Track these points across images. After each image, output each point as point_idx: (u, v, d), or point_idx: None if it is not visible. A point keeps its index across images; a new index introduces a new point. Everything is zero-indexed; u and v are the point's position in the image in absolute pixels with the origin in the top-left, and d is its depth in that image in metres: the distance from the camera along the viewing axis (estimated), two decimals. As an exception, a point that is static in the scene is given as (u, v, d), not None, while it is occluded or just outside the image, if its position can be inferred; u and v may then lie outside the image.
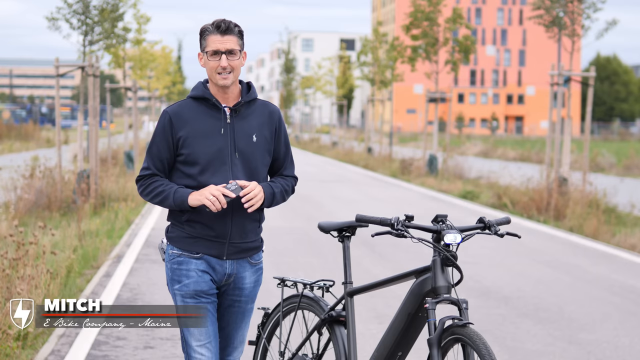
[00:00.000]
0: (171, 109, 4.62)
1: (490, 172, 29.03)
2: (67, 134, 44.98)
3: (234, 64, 4.54)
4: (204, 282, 4.60)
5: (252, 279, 4.72)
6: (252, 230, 4.65)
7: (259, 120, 4.66)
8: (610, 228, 15.92)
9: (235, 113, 4.61)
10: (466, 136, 78.20)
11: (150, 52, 37.06)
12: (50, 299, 8.60)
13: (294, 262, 11.94)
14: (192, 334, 4.61)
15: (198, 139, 4.55)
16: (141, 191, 4.63)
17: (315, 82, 69.34)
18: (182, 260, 4.60)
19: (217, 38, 4.53)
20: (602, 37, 35.16)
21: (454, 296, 4.57)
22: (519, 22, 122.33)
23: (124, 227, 15.17)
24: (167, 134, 4.58)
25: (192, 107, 4.61)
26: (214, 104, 4.60)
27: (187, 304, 4.61)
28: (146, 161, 4.62)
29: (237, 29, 4.56)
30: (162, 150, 4.58)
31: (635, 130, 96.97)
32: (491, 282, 10.90)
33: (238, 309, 4.75)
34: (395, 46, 34.78)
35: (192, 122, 4.57)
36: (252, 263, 4.70)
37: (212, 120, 4.58)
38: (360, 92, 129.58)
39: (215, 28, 4.53)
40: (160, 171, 4.60)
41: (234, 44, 4.54)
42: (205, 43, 4.56)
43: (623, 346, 8.04)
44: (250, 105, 4.66)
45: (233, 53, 4.54)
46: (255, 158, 4.61)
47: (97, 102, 18.16)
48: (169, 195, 4.53)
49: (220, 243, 4.59)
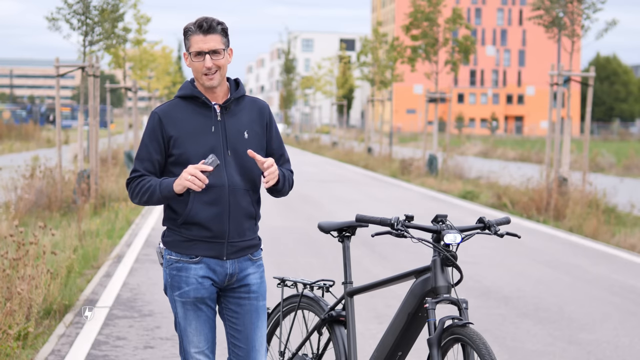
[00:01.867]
0: (160, 109, 4.53)
1: (490, 172, 29.04)
2: (67, 134, 44.97)
3: (219, 63, 4.46)
4: (204, 289, 4.52)
5: (256, 275, 4.62)
6: (249, 228, 4.58)
7: (249, 116, 4.58)
8: (610, 228, 15.93)
9: (225, 110, 4.53)
10: (466, 136, 78.20)
11: (151, 52, 37.05)
12: (50, 299, 8.62)
13: (294, 262, 11.94)
14: (190, 341, 4.53)
15: (189, 138, 4.46)
16: (130, 193, 4.52)
17: (315, 82, 69.36)
18: (181, 266, 4.51)
19: (199, 38, 4.44)
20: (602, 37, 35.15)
21: (454, 296, 4.57)
22: (518, 22, 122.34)
23: (124, 227, 15.17)
24: (157, 134, 4.47)
25: (181, 106, 4.52)
26: (203, 102, 4.52)
27: (186, 310, 4.52)
28: (135, 164, 4.51)
29: (220, 26, 4.46)
30: (152, 152, 4.48)
31: (635, 130, 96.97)
32: (491, 282, 10.90)
33: (250, 307, 4.61)
34: (395, 46, 34.79)
35: (182, 121, 4.48)
36: (253, 260, 4.62)
37: (203, 118, 4.50)
38: (360, 92, 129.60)
39: (197, 27, 4.44)
40: (151, 174, 4.50)
41: (218, 43, 4.44)
42: (189, 43, 4.47)
43: (623, 346, 8.04)
44: (239, 101, 4.59)
45: (217, 52, 4.45)
46: (249, 156, 4.51)
47: (97, 102, 18.16)
48: (156, 188, 4.41)
49: (219, 243, 4.51)
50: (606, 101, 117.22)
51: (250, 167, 4.53)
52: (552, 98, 19.60)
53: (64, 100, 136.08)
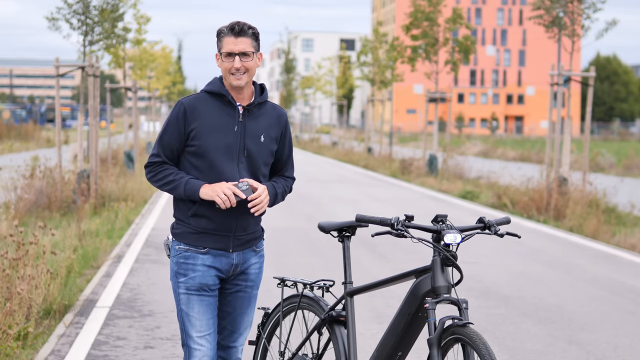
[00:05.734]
0: (187, 100, 4.73)
1: (490, 172, 29.03)
2: (67, 134, 44.97)
3: (248, 65, 4.66)
4: (209, 277, 4.72)
5: (257, 265, 4.88)
6: (253, 222, 4.81)
7: (268, 121, 4.79)
8: (610, 228, 15.92)
9: (247, 112, 4.73)
10: (466, 136, 78.22)
11: (150, 52, 37.06)
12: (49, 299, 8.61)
13: (294, 262, 11.94)
14: (193, 325, 4.72)
15: (210, 133, 4.66)
16: (150, 177, 4.74)
17: (315, 82, 69.35)
18: (189, 255, 4.72)
19: (231, 40, 4.65)
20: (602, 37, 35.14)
21: (454, 296, 4.57)
22: (519, 22, 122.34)
23: (124, 227, 15.17)
24: (180, 124, 4.68)
25: (207, 101, 4.72)
26: (229, 101, 4.72)
27: (190, 295, 4.72)
28: (156, 148, 4.73)
29: (252, 31, 4.68)
30: (173, 139, 4.70)
31: (635, 130, 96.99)
32: (491, 282, 10.90)
33: (244, 294, 4.87)
34: (395, 46, 34.78)
35: (205, 115, 4.68)
36: (256, 251, 4.86)
37: (226, 116, 4.70)
38: (360, 92, 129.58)
39: (229, 30, 4.66)
40: (169, 159, 4.72)
41: (248, 46, 4.65)
42: (221, 44, 4.68)
43: (623, 346, 8.04)
44: (261, 106, 4.79)
45: (246, 55, 4.65)
46: (260, 158, 4.75)
47: (97, 102, 18.16)
48: (180, 184, 4.65)
49: (226, 237, 4.72)
50: (606, 101, 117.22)
51: (259, 169, 4.77)
52: (552, 98, 19.60)
53: (64, 100, 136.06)
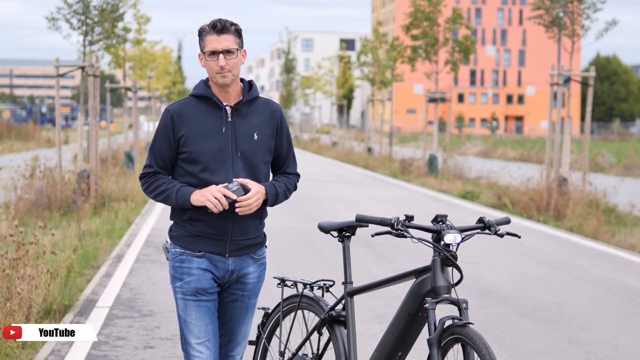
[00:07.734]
0: (173, 107, 4.66)
1: (490, 172, 29.03)
2: (67, 134, 44.96)
3: (232, 62, 4.57)
4: (205, 280, 4.63)
5: (255, 274, 4.76)
6: (253, 227, 4.69)
7: (260, 118, 4.68)
8: (610, 228, 15.92)
9: (236, 112, 4.64)
10: (466, 136, 78.20)
11: (150, 52, 37.03)
12: (49, 299, 8.61)
13: (294, 262, 11.94)
14: (191, 332, 4.65)
15: (199, 137, 4.57)
16: (145, 189, 4.69)
17: (315, 82, 69.32)
18: (185, 258, 4.64)
19: (213, 38, 4.56)
20: (602, 37, 35.15)
21: (454, 296, 4.57)
22: (519, 22, 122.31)
23: (124, 227, 15.17)
24: (168, 132, 4.61)
25: (193, 105, 4.64)
26: (215, 103, 4.63)
27: (187, 300, 4.64)
28: (149, 159, 4.67)
29: (234, 27, 4.58)
30: (164, 148, 4.63)
31: (635, 130, 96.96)
32: (491, 282, 10.90)
33: (241, 304, 4.78)
34: (395, 46, 34.77)
35: (193, 120, 4.60)
36: (255, 258, 4.74)
37: (214, 118, 4.61)
38: (360, 92, 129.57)
39: (211, 28, 4.56)
40: (162, 169, 4.65)
41: (231, 43, 4.56)
42: (203, 43, 4.59)
43: (623, 346, 8.04)
44: (251, 103, 4.69)
45: (230, 52, 4.56)
46: (257, 157, 4.64)
47: (97, 102, 18.16)
48: (172, 193, 4.58)
49: (222, 241, 4.62)
50: (606, 101, 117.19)
51: (257, 168, 4.65)
52: (552, 98, 19.59)
53: (64, 100, 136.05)
